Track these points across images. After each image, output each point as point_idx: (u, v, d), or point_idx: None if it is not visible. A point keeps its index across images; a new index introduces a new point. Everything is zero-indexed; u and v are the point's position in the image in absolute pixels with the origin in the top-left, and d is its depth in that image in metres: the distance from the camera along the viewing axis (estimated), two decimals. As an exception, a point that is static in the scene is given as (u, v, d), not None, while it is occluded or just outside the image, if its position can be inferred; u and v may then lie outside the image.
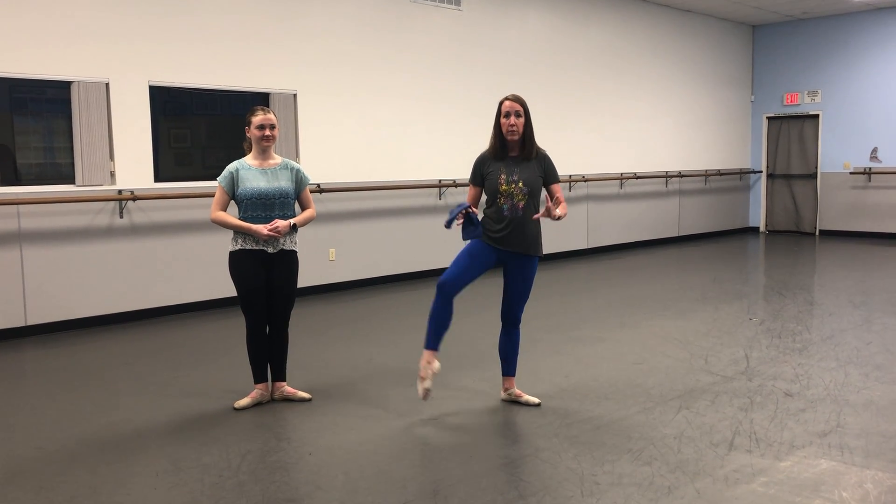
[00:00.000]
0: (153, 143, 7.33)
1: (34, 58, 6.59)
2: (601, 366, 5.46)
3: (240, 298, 4.66)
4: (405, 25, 9.10)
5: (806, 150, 13.85)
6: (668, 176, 12.69)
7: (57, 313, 6.80)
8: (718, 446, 3.93)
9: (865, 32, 12.98)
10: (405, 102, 9.13)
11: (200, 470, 3.75)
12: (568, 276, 9.70)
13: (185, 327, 7.02)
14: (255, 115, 4.61)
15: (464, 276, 4.38)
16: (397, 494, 3.43)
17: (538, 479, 3.58)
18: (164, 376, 5.42)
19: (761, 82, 14.28)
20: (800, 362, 5.47)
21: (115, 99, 7.03)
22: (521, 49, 10.34)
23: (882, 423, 4.22)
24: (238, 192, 4.58)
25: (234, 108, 8.09)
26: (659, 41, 12.42)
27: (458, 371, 5.33)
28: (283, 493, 3.48)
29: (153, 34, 7.21)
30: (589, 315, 7.28)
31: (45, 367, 5.82)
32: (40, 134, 7.09)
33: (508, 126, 4.37)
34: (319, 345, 6.23)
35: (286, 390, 4.80)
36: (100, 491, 3.55)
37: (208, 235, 7.40)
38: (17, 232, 6.57)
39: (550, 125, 10.64)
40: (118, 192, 7.07)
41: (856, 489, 3.41)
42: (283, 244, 4.64)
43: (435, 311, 4.40)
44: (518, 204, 4.37)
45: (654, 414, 4.43)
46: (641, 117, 12.25)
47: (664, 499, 3.34)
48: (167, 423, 4.47)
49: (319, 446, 4.05)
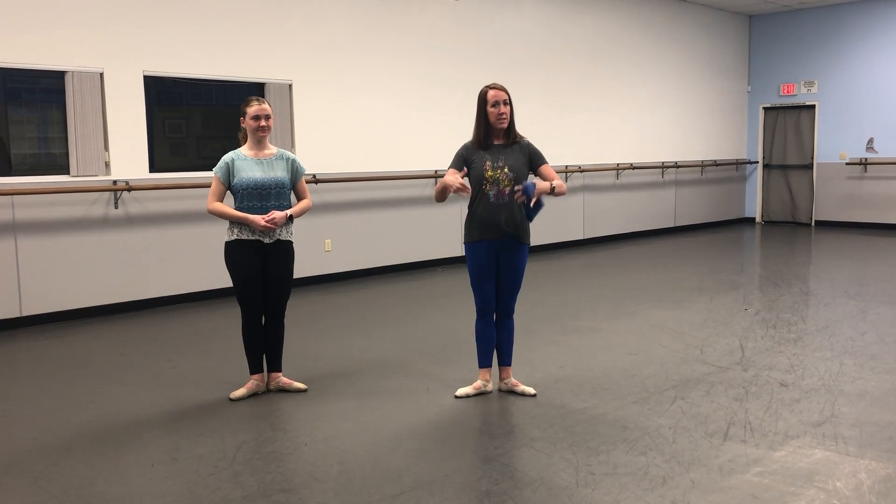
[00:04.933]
0: (148, 134, 7.31)
1: (28, 48, 6.55)
2: (596, 356, 5.47)
3: (235, 289, 4.65)
4: (401, 15, 9.07)
5: (802, 140, 13.85)
6: (664, 166, 12.69)
7: (52, 304, 6.78)
8: (713, 436, 3.94)
9: (862, 22, 12.97)
10: (401, 93, 9.11)
11: (196, 460, 3.75)
12: (564, 267, 9.70)
13: (180, 318, 7.01)
14: (250, 106, 4.60)
15: (489, 292, 4.55)
16: (392, 485, 3.44)
17: (533, 469, 3.58)
18: (160, 367, 5.41)
19: (758, 72, 14.26)
20: (795, 352, 5.49)
21: (110, 89, 6.99)
22: (516, 39, 10.31)
23: (876, 413, 4.24)
24: (234, 183, 4.57)
25: (229, 98, 8.07)
26: (655, 31, 12.39)
27: (453, 362, 5.33)
28: (278, 483, 3.49)
29: (148, 24, 7.17)
30: (584, 305, 7.28)
31: (39, 358, 5.81)
32: (34, 124, 7.07)
33: (498, 115, 4.39)
34: (315, 335, 6.23)
35: (282, 381, 4.80)
36: (95, 481, 3.55)
37: (204, 226, 7.38)
38: (12, 222, 6.55)
39: (547, 116, 10.64)
40: (113, 182, 7.05)
41: (850, 479, 3.42)
42: (279, 234, 4.63)
43: (480, 333, 4.65)
44: (504, 190, 4.39)
45: (649, 404, 4.44)
46: (638, 108, 12.23)
47: (659, 489, 3.34)
48: (163, 413, 4.47)
49: (315, 437, 4.05)
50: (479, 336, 4.64)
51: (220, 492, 3.40)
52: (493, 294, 4.55)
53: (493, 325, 4.63)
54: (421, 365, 5.32)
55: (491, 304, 4.57)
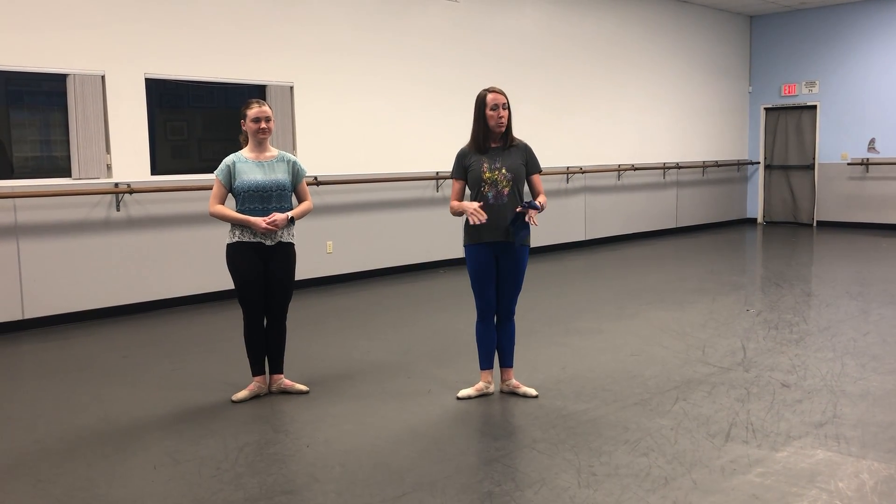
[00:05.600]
0: (149, 136, 7.32)
1: (30, 50, 6.56)
2: (598, 357, 5.47)
3: (237, 291, 4.66)
4: (402, 17, 9.07)
5: (803, 140, 13.84)
6: (665, 167, 12.69)
7: (54, 306, 6.79)
8: (715, 437, 3.93)
9: (863, 22, 12.96)
10: (402, 94, 9.12)
11: (198, 462, 3.76)
12: (565, 268, 9.70)
13: (182, 320, 7.01)
14: (251, 108, 4.60)
15: (490, 294, 4.54)
16: (394, 486, 3.44)
17: (535, 470, 3.58)
18: (162, 369, 5.42)
19: (759, 73, 14.26)
20: (797, 353, 5.48)
21: (111, 91, 7.01)
22: (517, 40, 10.32)
23: (878, 414, 4.23)
24: (235, 185, 4.57)
25: (230, 100, 8.08)
26: (656, 32, 12.39)
27: (455, 364, 5.33)
28: (280, 485, 3.49)
29: (149, 26, 7.18)
30: (586, 306, 7.28)
31: (42, 361, 5.82)
32: (36, 127, 7.08)
33: (497, 118, 4.39)
34: (317, 337, 6.23)
35: (284, 383, 4.81)
36: (97, 483, 3.55)
37: (205, 228, 7.39)
38: (14, 225, 6.56)
39: (548, 117, 10.64)
40: (115, 185, 7.06)
41: (852, 479, 3.42)
42: (280, 237, 4.63)
43: (481, 335, 4.65)
44: (503, 191, 4.40)
45: (650, 405, 4.43)
46: (639, 108, 12.23)
47: (661, 489, 3.34)
48: (165, 415, 4.47)
49: (317, 438, 4.05)
50: (480, 338, 4.64)
51: (222, 493, 3.41)
52: (494, 296, 4.55)
53: (493, 326, 4.63)
54: (422, 367, 5.32)
55: (491, 305, 4.57)
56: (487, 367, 4.66)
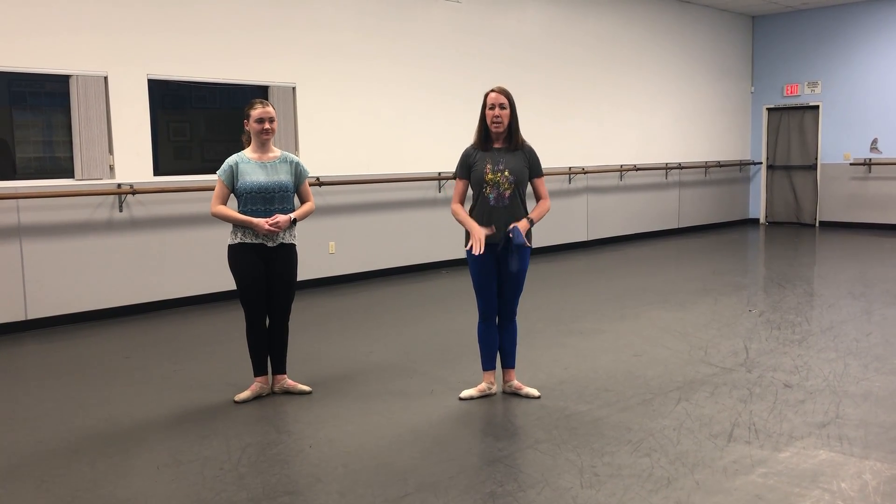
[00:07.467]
0: (152, 137, 7.33)
1: (33, 52, 6.57)
2: (601, 358, 5.47)
3: (239, 292, 4.66)
4: (405, 18, 9.08)
5: (806, 141, 13.83)
6: (668, 168, 12.69)
7: (57, 307, 6.80)
8: (718, 437, 3.93)
9: (866, 23, 12.95)
10: (405, 95, 9.12)
11: (201, 463, 3.76)
12: (567, 268, 9.70)
13: (184, 321, 7.02)
14: (254, 109, 4.61)
15: (491, 295, 4.55)
16: (397, 487, 3.44)
17: (538, 470, 3.59)
18: (164, 370, 5.43)
19: (761, 73, 14.25)
20: (799, 353, 5.48)
21: (114, 92, 7.02)
22: (520, 41, 10.32)
23: (881, 414, 4.23)
24: (238, 186, 4.58)
25: (233, 101, 8.09)
26: (658, 32, 12.39)
27: (457, 364, 5.33)
28: (283, 485, 3.49)
29: (152, 27, 7.19)
30: (588, 307, 7.28)
31: (45, 362, 5.83)
32: (39, 128, 7.09)
33: (493, 117, 4.41)
34: (319, 337, 6.24)
35: (286, 383, 4.81)
36: (100, 484, 3.56)
37: (208, 229, 7.40)
38: (17, 226, 6.57)
39: (550, 117, 10.64)
40: (117, 185, 7.07)
41: (854, 479, 3.42)
42: (282, 238, 4.64)
43: (483, 336, 4.65)
44: (504, 193, 4.40)
45: (653, 405, 4.43)
46: (641, 109, 12.23)
47: (663, 490, 3.34)
48: (167, 416, 4.48)
49: (319, 439, 4.06)
50: (482, 339, 4.65)
51: (225, 494, 3.41)
52: (496, 297, 4.55)
53: (495, 327, 4.63)
54: (425, 367, 5.32)
55: (493, 306, 4.57)
56: (490, 367, 4.67)
